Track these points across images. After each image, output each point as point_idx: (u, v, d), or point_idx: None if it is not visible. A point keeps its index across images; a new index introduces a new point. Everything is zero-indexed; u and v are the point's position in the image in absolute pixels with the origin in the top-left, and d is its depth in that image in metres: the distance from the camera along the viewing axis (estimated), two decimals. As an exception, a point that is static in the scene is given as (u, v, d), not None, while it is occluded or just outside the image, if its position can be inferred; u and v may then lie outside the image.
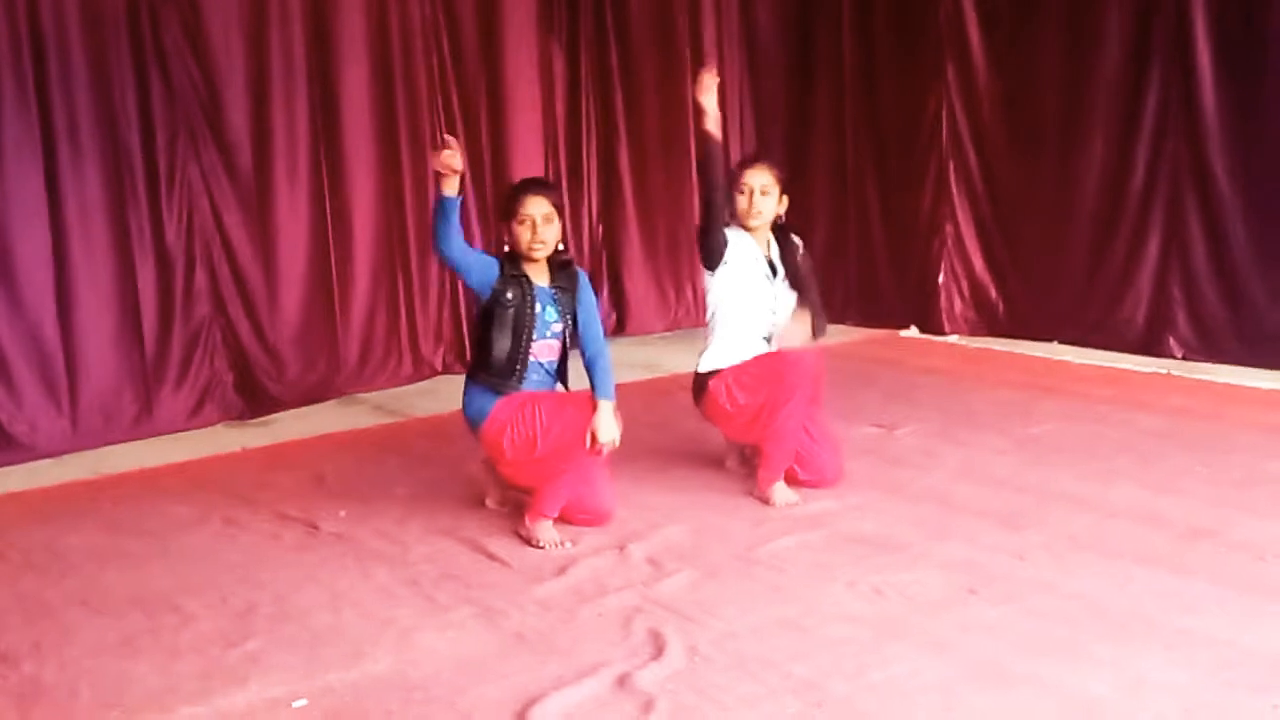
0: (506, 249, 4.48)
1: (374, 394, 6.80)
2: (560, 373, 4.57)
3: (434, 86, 6.97)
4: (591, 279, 4.74)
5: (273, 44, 6.42)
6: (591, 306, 4.55)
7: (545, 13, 7.45)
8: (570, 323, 4.50)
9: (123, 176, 6.08)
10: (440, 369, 7.09)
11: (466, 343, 7.12)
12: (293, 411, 6.50)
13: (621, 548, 4.28)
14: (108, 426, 6.06)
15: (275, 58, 6.44)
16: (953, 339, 7.31)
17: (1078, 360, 6.62)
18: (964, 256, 7.35)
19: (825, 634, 3.58)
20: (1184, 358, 6.34)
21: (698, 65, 7.59)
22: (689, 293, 8.09)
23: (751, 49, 8.09)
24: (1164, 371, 6.26)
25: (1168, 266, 6.43)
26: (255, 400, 6.45)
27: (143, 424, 6.15)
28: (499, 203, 4.44)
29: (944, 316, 7.38)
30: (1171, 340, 6.42)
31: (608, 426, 4.27)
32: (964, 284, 7.38)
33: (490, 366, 4.40)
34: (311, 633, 3.79)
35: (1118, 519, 4.31)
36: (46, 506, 5.20)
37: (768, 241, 4.78)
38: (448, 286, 7.10)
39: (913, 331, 7.51)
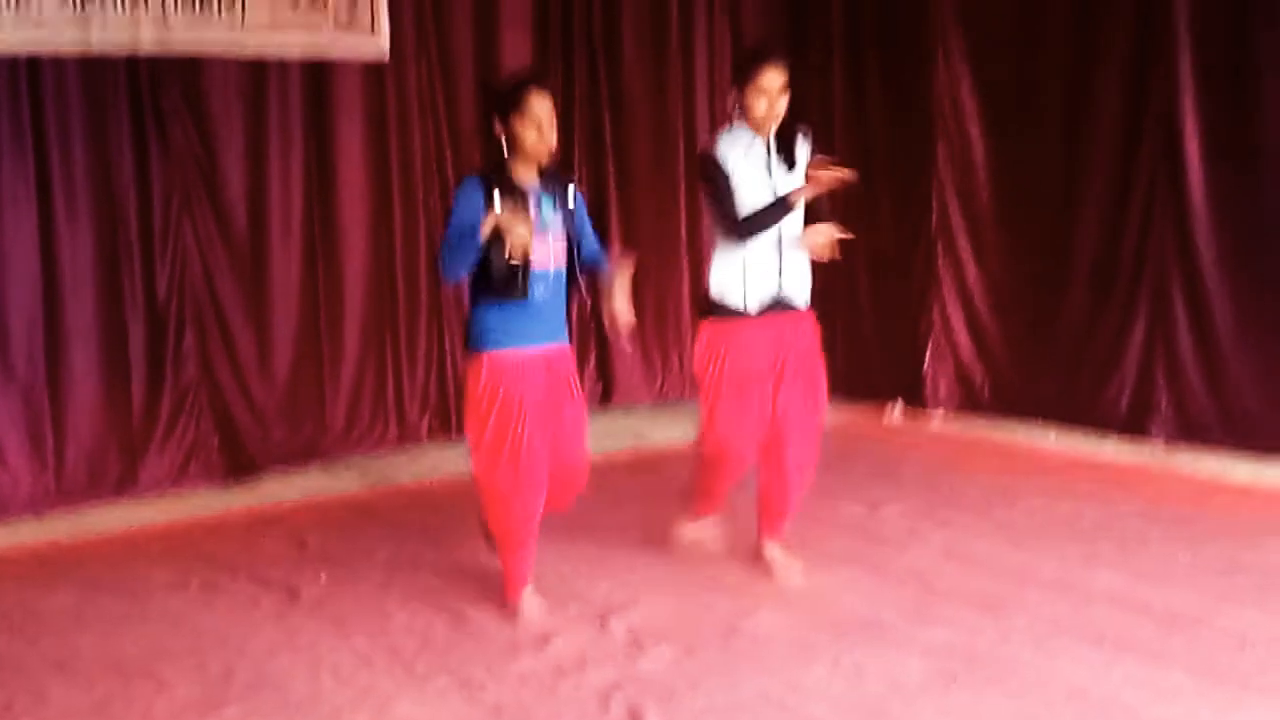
0: (492, 158, 4.18)
1: (359, 459, 6.76)
2: (569, 283, 4.27)
3: (429, 153, 6.99)
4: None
5: (271, 108, 6.45)
6: (584, 212, 4.35)
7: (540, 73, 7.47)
8: (569, 222, 4.24)
9: (117, 235, 6.09)
10: (425, 436, 7.05)
11: (452, 410, 7.10)
12: (276, 475, 6.46)
13: (602, 621, 4.27)
14: (92, 486, 6.03)
15: (273, 121, 6.47)
16: (937, 418, 7.31)
17: (1061, 443, 6.62)
18: (951, 336, 7.36)
19: (806, 714, 3.57)
20: (1166, 443, 6.34)
21: (691, 149, 7.68)
22: (676, 362, 8.07)
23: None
24: (1147, 457, 6.26)
25: (1152, 351, 6.45)
26: (240, 463, 6.42)
27: (126, 484, 6.12)
28: (494, 97, 4.17)
29: (929, 395, 7.38)
30: (1155, 425, 6.42)
31: (624, 301, 4.16)
32: (950, 363, 7.39)
33: (492, 282, 4.07)
34: (289, 701, 3.77)
35: (1099, 604, 4.29)
36: (25, 566, 5.17)
37: (770, 139, 4.56)
38: (435, 353, 7.09)
39: (898, 409, 7.50)
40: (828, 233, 4.54)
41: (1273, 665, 3.78)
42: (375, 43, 6.67)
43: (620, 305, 4.17)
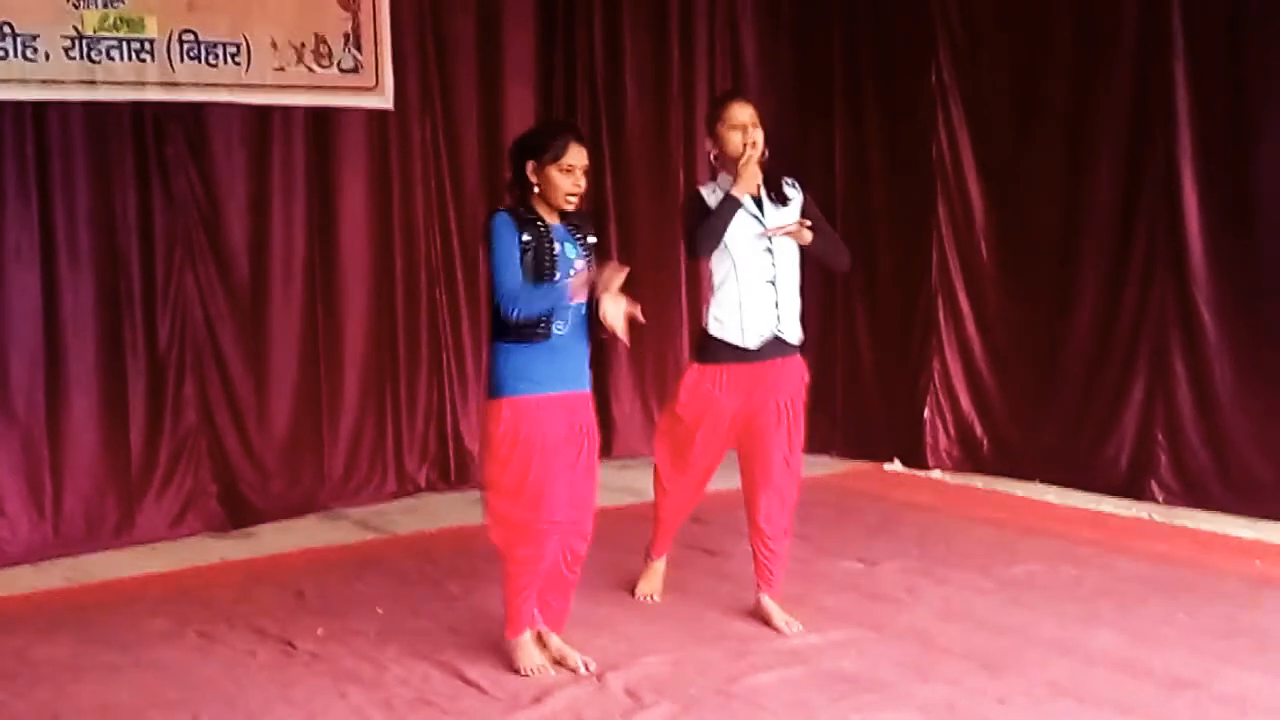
0: (511, 199, 4.22)
1: (357, 509, 6.74)
2: (590, 318, 4.20)
3: (430, 205, 7.02)
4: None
5: (274, 156, 6.50)
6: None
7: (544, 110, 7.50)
8: (593, 260, 4.24)
9: (119, 282, 6.11)
10: (424, 486, 7.04)
11: (451, 460, 7.09)
12: (275, 524, 6.44)
13: (600, 677, 4.24)
14: (89, 534, 6.01)
15: (276, 170, 6.51)
16: (935, 474, 7.30)
17: (1060, 501, 6.60)
18: (950, 393, 7.37)
19: (803, 775, 3.54)
20: (1165, 502, 6.33)
21: (691, 184, 7.69)
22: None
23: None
24: (1146, 516, 6.24)
25: (1152, 410, 6.44)
26: (238, 512, 6.40)
27: (124, 532, 6.10)
28: (524, 145, 4.19)
29: (928, 451, 7.37)
30: (1154, 484, 6.41)
31: (613, 305, 4.06)
32: (949, 420, 7.38)
33: (514, 323, 4.07)
34: (282, 755, 3.74)
35: (1098, 666, 4.26)
36: (20, 615, 5.13)
37: (758, 184, 4.61)
38: (434, 403, 7.10)
39: (896, 465, 7.49)
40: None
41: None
42: (379, 96, 6.73)
43: (610, 306, 4.08)
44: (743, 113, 4.59)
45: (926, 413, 7.37)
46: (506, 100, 7.22)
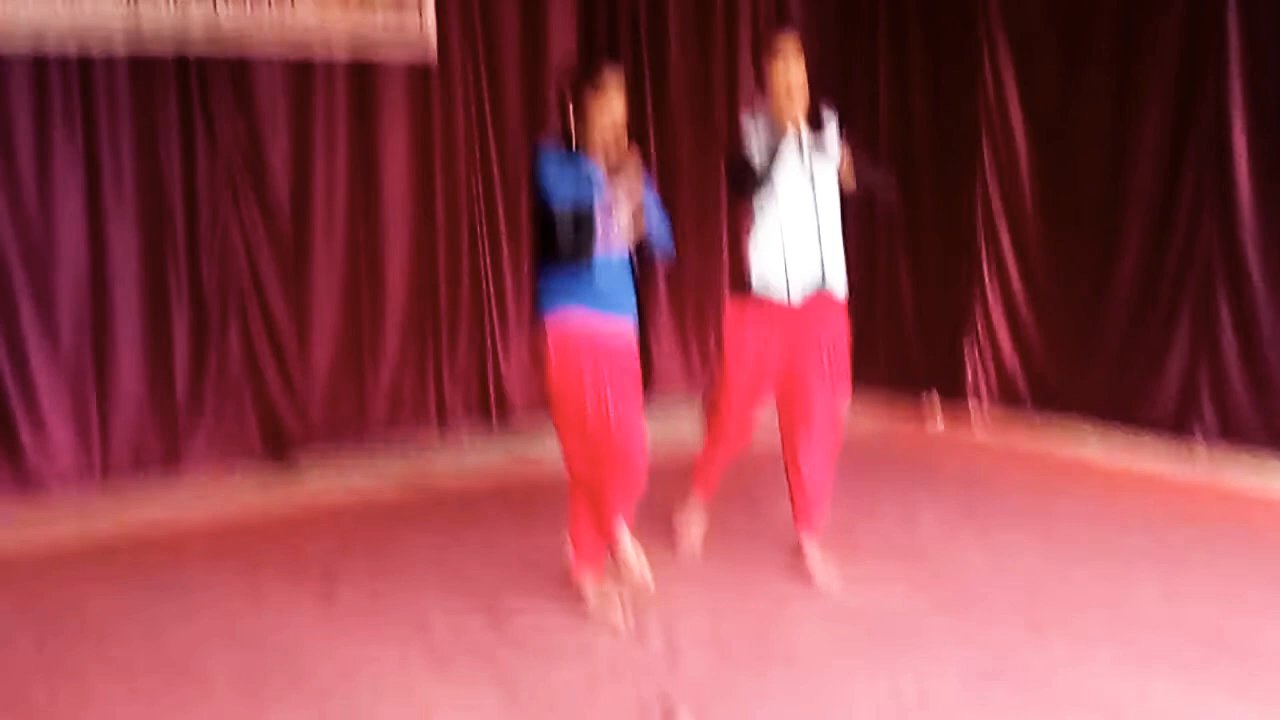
0: (563, 132, 4.26)
1: (400, 452, 6.78)
2: (632, 270, 4.33)
3: (473, 150, 7.00)
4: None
5: (317, 107, 6.49)
6: (651, 191, 4.36)
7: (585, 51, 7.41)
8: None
9: (164, 227, 6.15)
10: (467, 430, 7.08)
11: (493, 405, 7.14)
12: (320, 469, 6.50)
13: (640, 631, 4.27)
14: (136, 468, 6.11)
15: (318, 120, 6.50)
16: (977, 414, 7.26)
17: (1102, 453, 6.56)
18: (991, 334, 7.32)
19: (841, 731, 3.57)
20: (1208, 445, 6.28)
21: (733, 123, 7.63)
22: (716, 356, 8.03)
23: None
24: (1188, 466, 6.19)
25: (1197, 355, 6.38)
26: (282, 454, 6.48)
27: (169, 467, 6.19)
28: (570, 74, 4.32)
29: (970, 396, 7.34)
30: (1197, 428, 6.36)
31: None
32: (991, 362, 7.33)
33: (560, 247, 4.15)
34: (325, 707, 3.79)
35: (1139, 622, 4.26)
36: (72, 562, 5.20)
37: (798, 121, 4.60)
38: (476, 347, 7.12)
39: (935, 399, 7.46)
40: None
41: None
42: (422, 38, 6.68)
43: (628, 184, 4.17)
44: (785, 43, 4.59)
45: (968, 354, 7.34)
46: (550, 46, 7.16)
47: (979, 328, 7.35)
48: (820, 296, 4.67)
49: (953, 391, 7.45)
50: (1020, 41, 7.07)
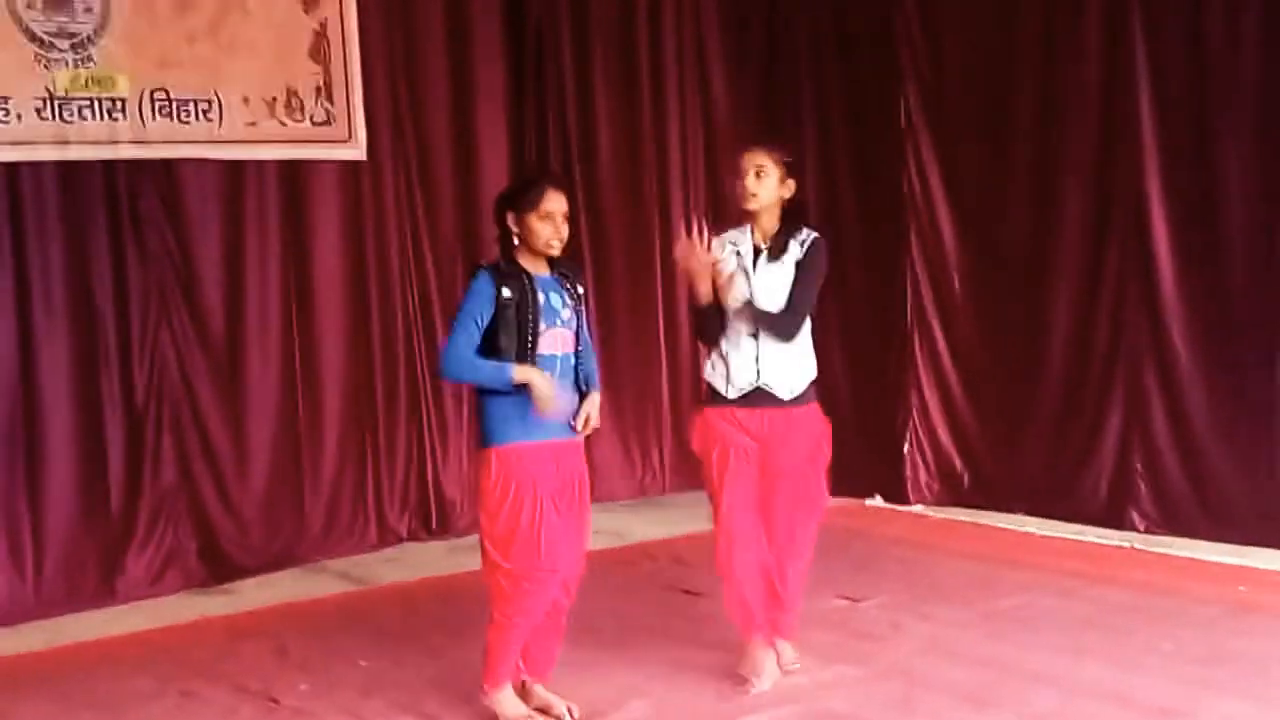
0: (503, 252, 4.18)
1: (338, 561, 6.69)
2: (577, 369, 4.23)
3: (405, 254, 7.02)
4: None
5: (248, 209, 6.48)
6: (584, 319, 4.34)
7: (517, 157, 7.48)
8: (580, 311, 4.25)
9: (95, 339, 6.09)
10: (406, 536, 7.00)
11: (432, 509, 7.06)
12: (255, 579, 6.38)
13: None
14: (69, 595, 5.96)
15: (250, 223, 6.49)
16: (917, 509, 7.28)
17: (1041, 532, 6.59)
18: (929, 427, 7.36)
19: (792, 818, 3.52)
20: (1146, 531, 6.33)
21: (666, 244, 7.67)
22: (656, 458, 8.04)
23: (717, 209, 8.09)
24: (1127, 545, 6.23)
25: (1130, 440, 6.44)
26: (218, 568, 6.36)
27: (104, 592, 6.05)
28: (504, 197, 4.20)
29: (909, 486, 7.35)
30: (1134, 513, 6.40)
31: (596, 412, 4.21)
32: (929, 454, 7.37)
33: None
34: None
35: (1085, 697, 4.25)
36: (1, 679, 5.06)
37: (773, 231, 4.52)
38: (414, 453, 7.07)
39: (878, 500, 7.47)
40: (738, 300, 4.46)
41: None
42: (353, 147, 6.74)
43: (595, 414, 4.22)
44: (749, 160, 4.49)
45: (906, 447, 7.36)
46: (480, 147, 7.23)
47: (916, 424, 7.36)
48: (768, 406, 4.51)
49: (895, 493, 7.42)
50: (942, 135, 7.21)
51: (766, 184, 4.48)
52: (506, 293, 4.05)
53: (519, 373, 4.01)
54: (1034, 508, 6.82)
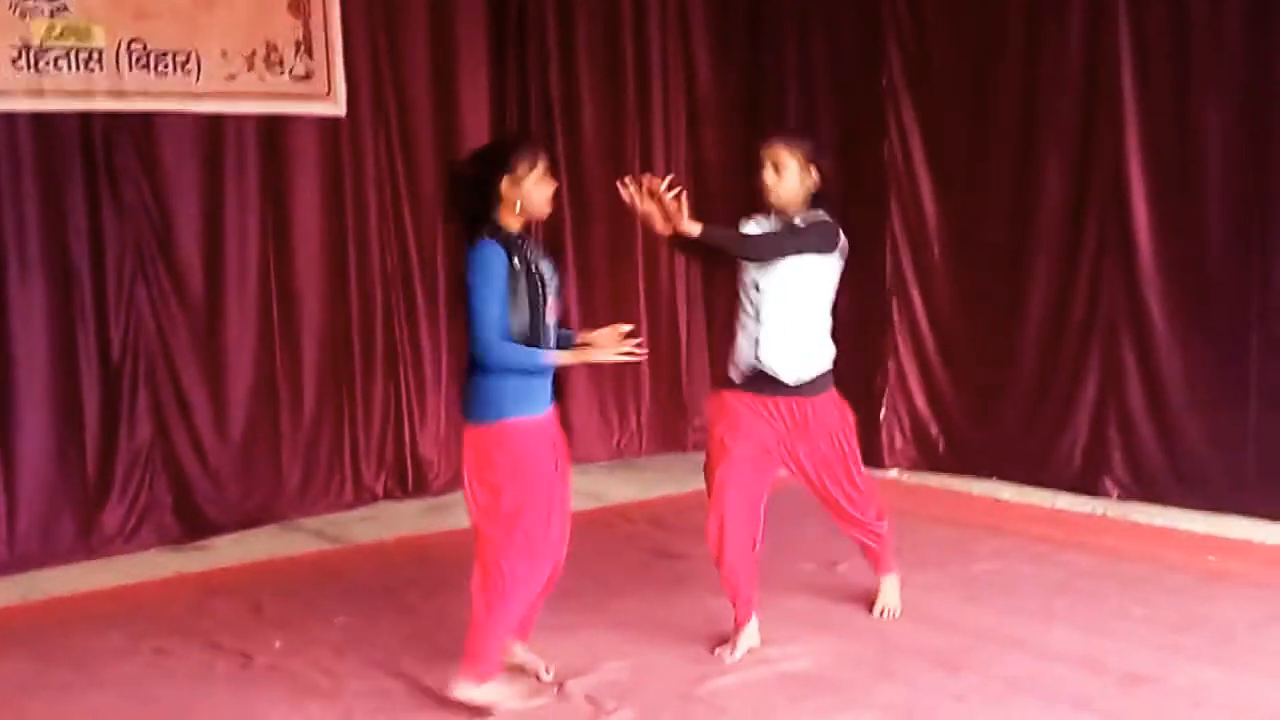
0: (488, 220, 3.94)
1: (314, 519, 6.68)
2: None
3: (385, 212, 6.99)
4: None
5: (227, 165, 6.43)
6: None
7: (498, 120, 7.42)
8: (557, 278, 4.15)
9: (71, 295, 6.05)
10: (382, 495, 7.01)
11: (409, 468, 7.07)
12: (231, 536, 6.38)
13: (560, 685, 4.23)
14: (44, 549, 5.95)
15: (229, 179, 6.44)
16: (892, 474, 7.31)
17: (1015, 499, 6.63)
18: (906, 393, 7.39)
19: (765, 779, 3.55)
20: (1119, 498, 6.38)
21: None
22: (633, 421, 8.05)
23: (700, 180, 8.11)
24: (1100, 512, 6.28)
25: (1105, 408, 6.50)
26: (193, 524, 6.36)
27: (79, 547, 6.04)
28: (492, 160, 3.97)
29: (885, 452, 7.38)
30: (1108, 480, 6.46)
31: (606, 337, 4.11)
32: (905, 420, 7.40)
33: (489, 364, 3.91)
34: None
35: (1055, 661, 4.29)
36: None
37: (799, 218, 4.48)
38: (391, 411, 7.07)
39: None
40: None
41: (1208, 715, 3.82)
42: (332, 103, 6.69)
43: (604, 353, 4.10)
44: (769, 154, 4.44)
45: (883, 413, 7.38)
46: (461, 109, 7.17)
47: (893, 390, 7.39)
48: (776, 392, 4.50)
49: (871, 458, 7.40)
50: (925, 105, 7.21)
51: (786, 178, 4.43)
52: (516, 264, 3.90)
53: (576, 357, 4.05)
54: (1008, 474, 6.87)
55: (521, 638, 4.32)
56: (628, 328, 4.15)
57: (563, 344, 4.12)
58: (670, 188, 4.17)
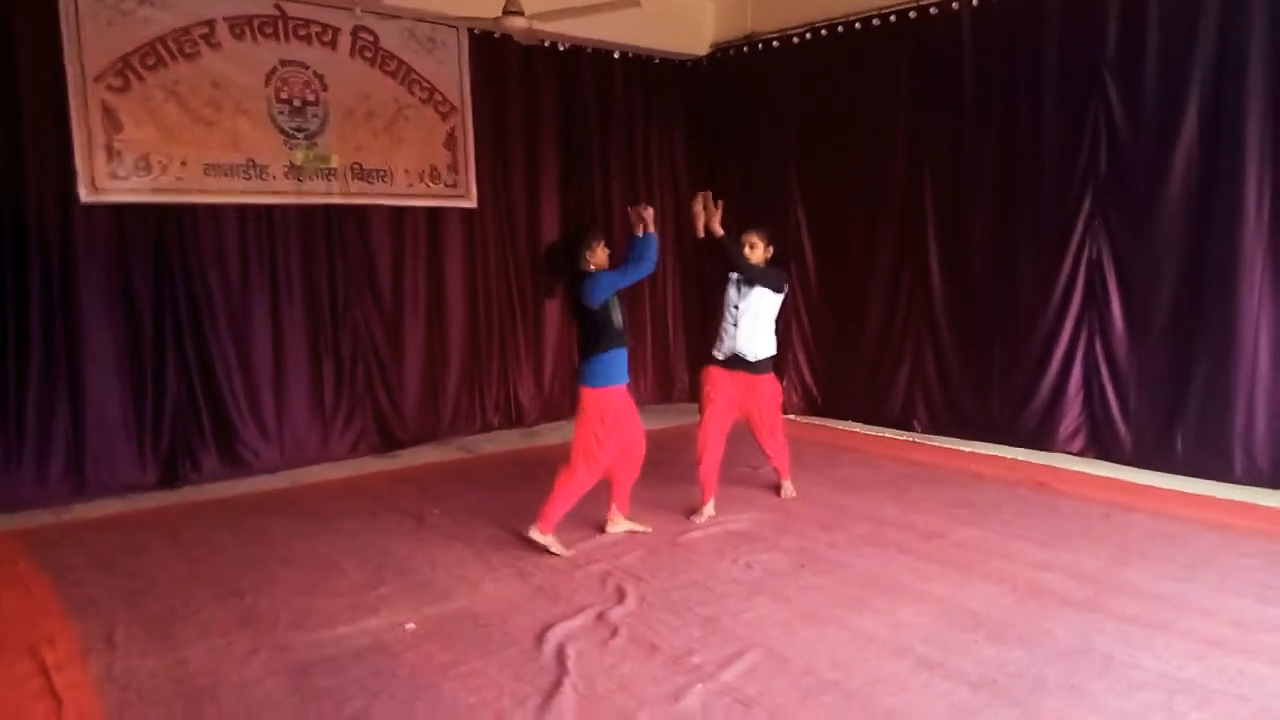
0: (590, 266, 4.02)
1: (457, 439, 6.64)
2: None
3: (501, 264, 6.89)
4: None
5: (406, 237, 6.38)
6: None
7: (564, 211, 7.19)
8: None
9: (319, 313, 6.02)
10: (496, 425, 6.93)
11: (511, 409, 6.99)
12: (410, 449, 6.36)
13: (601, 530, 4.25)
14: (300, 455, 5.95)
15: (408, 245, 6.39)
16: (791, 417, 7.25)
17: (863, 431, 6.57)
18: (798, 369, 7.23)
19: (718, 590, 3.58)
20: (922, 430, 6.33)
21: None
22: (641, 382, 7.76)
23: (679, 234, 8.01)
24: (912, 439, 6.21)
25: (914, 376, 6.37)
26: (388, 442, 6.34)
27: (321, 454, 6.04)
28: (581, 242, 4.05)
29: (787, 404, 7.20)
30: (915, 421, 6.37)
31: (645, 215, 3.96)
32: (797, 381, 7.24)
33: (616, 337, 3.95)
34: (417, 583, 3.75)
35: (886, 526, 4.31)
36: (262, 503, 5.10)
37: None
38: (502, 376, 6.96)
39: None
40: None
41: (971, 555, 3.81)
42: (468, 200, 6.66)
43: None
44: (747, 237, 4.42)
45: (785, 381, 7.32)
46: (542, 202, 7.09)
47: (790, 364, 7.29)
48: (742, 369, 4.46)
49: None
50: (810, 194, 7.04)
51: (756, 253, 4.43)
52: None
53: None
54: (856, 416, 6.81)
55: (623, 511, 4.28)
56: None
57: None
58: (714, 201, 4.23)
